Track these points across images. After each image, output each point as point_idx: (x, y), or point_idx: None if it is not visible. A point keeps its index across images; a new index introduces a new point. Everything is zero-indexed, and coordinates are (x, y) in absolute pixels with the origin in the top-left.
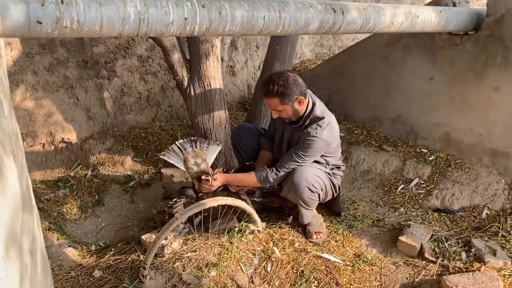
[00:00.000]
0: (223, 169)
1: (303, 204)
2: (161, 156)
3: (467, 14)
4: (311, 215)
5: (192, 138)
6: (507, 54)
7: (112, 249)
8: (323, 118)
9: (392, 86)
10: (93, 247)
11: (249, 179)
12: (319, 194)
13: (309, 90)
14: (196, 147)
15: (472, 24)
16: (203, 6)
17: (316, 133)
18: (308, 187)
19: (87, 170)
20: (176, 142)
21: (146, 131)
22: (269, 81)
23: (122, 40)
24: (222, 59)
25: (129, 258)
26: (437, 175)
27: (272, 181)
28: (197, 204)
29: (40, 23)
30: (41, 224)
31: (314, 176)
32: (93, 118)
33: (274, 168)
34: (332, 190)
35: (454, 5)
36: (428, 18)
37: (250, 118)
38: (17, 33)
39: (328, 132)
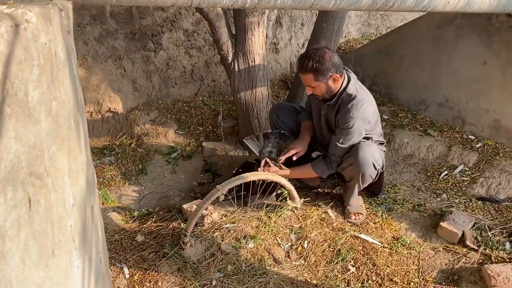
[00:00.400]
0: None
1: (361, 180)
2: (244, 140)
3: None
4: (357, 194)
5: (282, 131)
6: None
7: (154, 216)
8: (355, 96)
9: (442, 69)
10: (136, 213)
11: (309, 171)
12: (377, 172)
13: (346, 67)
14: (281, 140)
15: None
16: None
17: (352, 114)
18: (373, 163)
19: (132, 140)
20: (264, 131)
21: (189, 105)
22: (304, 56)
23: (169, 13)
24: (266, 36)
25: (170, 226)
26: (483, 163)
27: (329, 171)
28: (238, 177)
29: None
30: None
31: (378, 153)
32: (139, 89)
33: (327, 159)
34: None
35: None
36: None
37: (292, 97)
38: None
39: (364, 110)
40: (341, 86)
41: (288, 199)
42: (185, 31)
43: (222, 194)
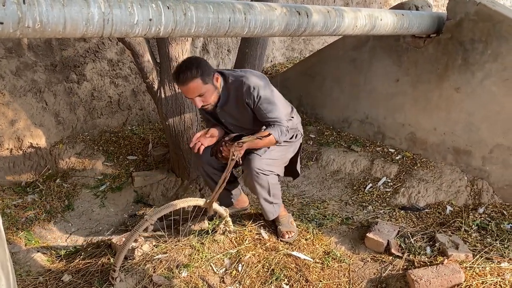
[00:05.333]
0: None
1: (262, 194)
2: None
3: (429, 17)
4: (274, 210)
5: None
6: (466, 56)
7: (82, 253)
8: (239, 77)
9: (360, 88)
10: (62, 252)
11: (271, 141)
12: (275, 174)
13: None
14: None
15: (434, 27)
16: (168, 7)
17: (252, 88)
18: (263, 173)
19: (57, 175)
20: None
21: (117, 135)
22: (182, 67)
23: (91, 44)
24: None
25: (99, 262)
26: (403, 173)
27: (284, 134)
28: (167, 205)
29: (2, 23)
30: (9, 230)
31: (266, 160)
32: (63, 122)
33: (271, 124)
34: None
35: (417, 9)
36: (391, 21)
37: None
38: None
39: (254, 80)
40: (221, 82)
41: (218, 221)
42: (109, 60)
43: (151, 224)
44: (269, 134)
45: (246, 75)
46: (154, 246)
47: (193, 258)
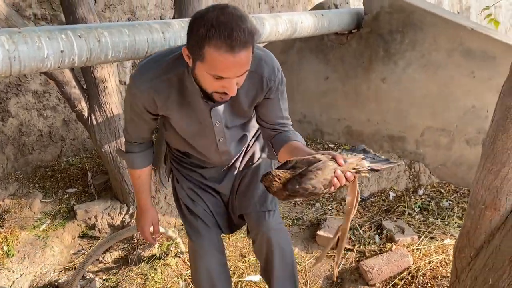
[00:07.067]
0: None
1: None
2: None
3: (347, 14)
4: None
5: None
6: (387, 47)
7: None
8: (259, 53)
9: (294, 89)
10: None
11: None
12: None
13: None
14: None
15: (354, 23)
16: (79, 36)
17: (277, 69)
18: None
19: None
20: None
21: (52, 169)
22: (232, 22)
23: (12, 78)
24: (125, 83)
25: None
26: None
27: None
28: (111, 236)
29: None
30: None
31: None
32: None
33: (287, 130)
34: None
35: (336, 7)
36: (312, 22)
37: (160, 139)
38: None
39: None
40: None
41: (168, 244)
42: (34, 93)
43: (96, 259)
44: None
45: (264, 51)
46: (104, 280)
47: (147, 286)
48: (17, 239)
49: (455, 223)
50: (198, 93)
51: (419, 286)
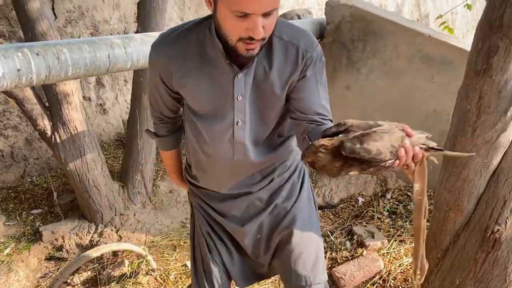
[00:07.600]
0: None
1: None
2: None
3: (310, 24)
4: None
5: None
6: (350, 55)
7: None
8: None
9: None
10: None
11: None
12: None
13: None
14: None
15: (317, 33)
16: (37, 54)
17: (316, 44)
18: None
19: None
20: None
21: (15, 190)
22: None
23: None
24: (89, 99)
25: None
26: (314, 174)
27: None
28: (78, 258)
29: None
30: None
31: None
32: None
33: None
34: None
35: (299, 17)
36: None
37: (128, 154)
38: None
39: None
40: None
41: (138, 262)
42: None
43: (63, 282)
44: None
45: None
46: None
47: None
48: None
49: None
50: (220, 56)
51: None
